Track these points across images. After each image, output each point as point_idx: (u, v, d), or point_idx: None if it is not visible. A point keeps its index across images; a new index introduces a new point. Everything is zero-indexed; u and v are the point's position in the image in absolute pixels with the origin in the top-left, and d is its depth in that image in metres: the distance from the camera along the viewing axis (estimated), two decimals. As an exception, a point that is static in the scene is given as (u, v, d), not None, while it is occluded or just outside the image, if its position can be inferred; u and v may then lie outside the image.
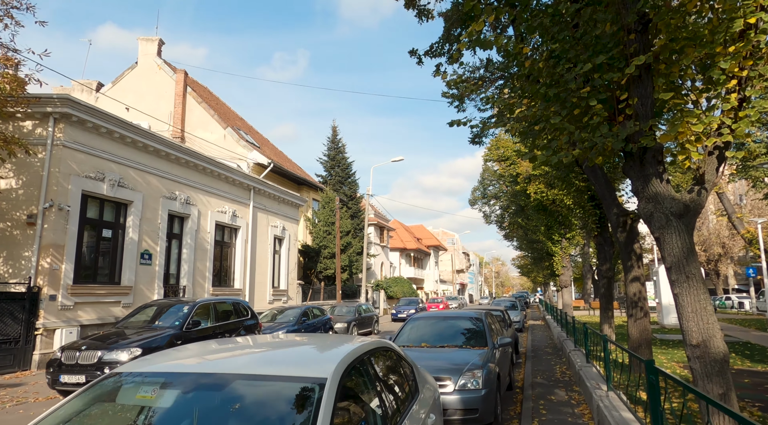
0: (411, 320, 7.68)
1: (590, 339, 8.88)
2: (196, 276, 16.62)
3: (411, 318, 7.73)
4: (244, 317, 11.19)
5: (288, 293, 22.99)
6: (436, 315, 7.93)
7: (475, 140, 13.91)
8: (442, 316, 7.74)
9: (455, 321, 7.50)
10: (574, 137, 5.08)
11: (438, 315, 7.90)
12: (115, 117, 13.16)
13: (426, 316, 7.78)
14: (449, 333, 7.20)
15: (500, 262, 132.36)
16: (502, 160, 24.38)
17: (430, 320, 7.66)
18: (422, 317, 7.77)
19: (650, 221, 4.80)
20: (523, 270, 58.29)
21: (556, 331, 16.75)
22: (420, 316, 7.79)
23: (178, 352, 3.01)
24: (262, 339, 3.83)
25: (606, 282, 11.58)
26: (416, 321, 7.66)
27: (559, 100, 4.87)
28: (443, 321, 7.55)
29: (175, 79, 24.64)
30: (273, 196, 21.79)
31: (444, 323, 7.51)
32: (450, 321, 7.50)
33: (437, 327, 7.44)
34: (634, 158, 4.91)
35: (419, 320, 7.68)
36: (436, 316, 7.79)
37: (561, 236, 22.90)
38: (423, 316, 7.79)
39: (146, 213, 14.43)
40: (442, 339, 6.98)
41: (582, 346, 10.51)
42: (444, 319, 7.60)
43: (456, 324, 7.41)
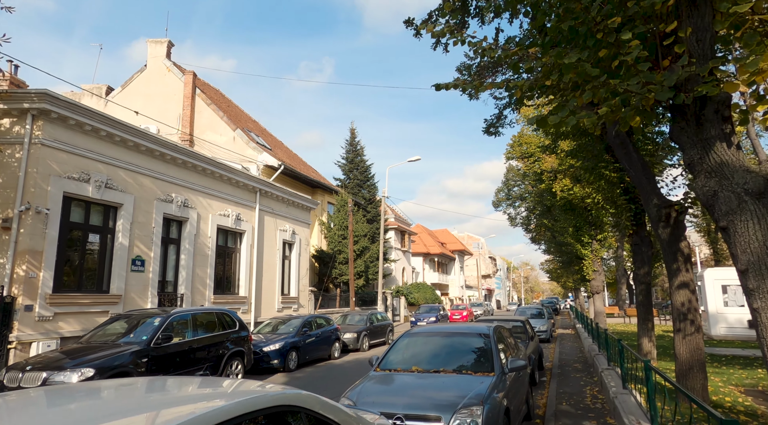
0: (404, 336, 6.36)
1: (627, 358, 7.35)
2: (196, 284, 15.67)
3: (405, 334, 6.41)
4: (230, 329, 10.06)
5: (299, 301, 21.91)
6: (435, 330, 6.57)
7: (490, 130, 12.50)
8: (441, 332, 6.39)
9: (457, 337, 6.13)
10: (599, 93, 3.66)
11: (437, 330, 6.55)
12: (100, 114, 12.33)
13: (422, 332, 6.44)
14: (448, 354, 5.85)
15: (529, 267, 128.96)
16: (525, 156, 22.79)
17: (426, 336, 6.32)
18: (418, 332, 6.43)
19: (713, 204, 3.37)
20: (552, 275, 55.86)
21: (587, 343, 15.06)
22: (415, 332, 6.46)
23: None
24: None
25: (644, 289, 9.98)
26: (410, 337, 6.33)
27: (578, 36, 3.50)
28: (442, 338, 6.19)
29: (184, 80, 24.04)
30: (281, 198, 20.79)
31: (443, 340, 6.15)
32: (451, 338, 6.14)
33: (434, 345, 6.10)
34: (686, 115, 3.49)
35: (413, 336, 6.35)
36: (435, 332, 6.44)
37: (591, 238, 21.10)
38: (419, 331, 6.46)
39: (138, 216, 13.55)
40: (439, 362, 5.63)
41: (616, 364, 8.94)
42: (444, 335, 6.25)
43: (457, 342, 6.04)
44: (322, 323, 14.85)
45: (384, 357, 5.92)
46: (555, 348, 17.11)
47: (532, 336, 11.03)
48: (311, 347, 13.50)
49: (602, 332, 10.84)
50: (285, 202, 21.15)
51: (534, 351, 10.62)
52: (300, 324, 13.48)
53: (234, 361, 9.90)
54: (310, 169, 31.23)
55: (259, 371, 12.13)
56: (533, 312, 21.72)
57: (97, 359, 7.14)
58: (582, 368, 11.88)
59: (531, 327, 11.56)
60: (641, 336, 9.91)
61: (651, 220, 6.82)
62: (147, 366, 7.69)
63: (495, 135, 12.61)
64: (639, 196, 9.91)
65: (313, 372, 12.46)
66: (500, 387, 5.01)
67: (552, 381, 10.21)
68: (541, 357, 11.82)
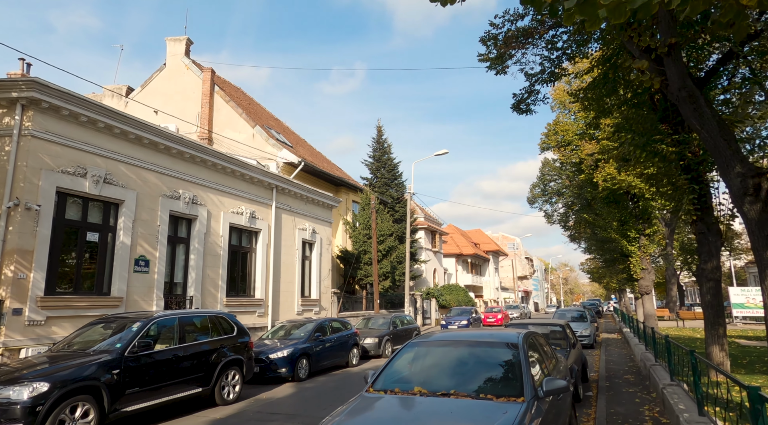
0: (409, 346, 5.01)
1: (701, 371, 5.76)
2: (206, 285, 14.77)
3: (409, 344, 5.05)
4: (226, 335, 8.96)
5: (321, 303, 20.82)
6: (449, 337, 5.18)
7: (520, 107, 11.00)
8: (457, 340, 5.01)
9: (477, 348, 4.75)
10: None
11: (451, 337, 5.16)
12: (97, 104, 11.56)
13: (432, 340, 5.07)
14: (464, 370, 4.49)
15: (568, 268, 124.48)
16: (561, 145, 20.98)
17: (437, 346, 4.96)
18: (426, 341, 5.07)
19: None
20: (593, 276, 52.96)
21: (638, 350, 13.24)
22: (423, 340, 5.10)
23: None
24: None
25: (712, 287, 8.26)
26: (417, 347, 4.98)
27: None
28: (458, 349, 4.82)
29: (202, 78, 23.47)
30: (300, 195, 19.78)
31: (458, 351, 4.77)
32: (469, 349, 4.76)
33: (447, 357, 4.74)
34: None
35: (421, 345, 4.99)
36: (449, 340, 5.06)
37: (638, 232, 19.07)
38: (428, 340, 5.09)
39: (141, 213, 12.73)
40: (451, 381, 4.27)
41: (681, 378, 7.31)
42: (460, 345, 4.87)
43: (477, 354, 4.66)
44: (339, 327, 13.64)
45: (381, 374, 4.61)
46: (600, 355, 15.30)
47: (574, 342, 9.45)
48: (325, 353, 12.31)
49: (661, 338, 9.15)
50: (304, 199, 20.13)
51: (576, 360, 9.06)
52: (312, 328, 12.30)
53: (230, 371, 8.79)
54: (334, 167, 30.23)
55: (265, 381, 11.02)
56: (574, 314, 19.82)
57: (56, 371, 6.13)
58: (635, 380, 10.18)
59: (572, 333, 9.97)
60: (711, 344, 8.20)
61: (732, 195, 5.25)
62: (118, 379, 6.64)
63: (526, 112, 11.10)
64: (704, 174, 8.23)
65: (326, 382, 11.24)
66: (532, 418, 3.61)
67: (599, 397, 8.61)
68: (585, 367, 10.21)
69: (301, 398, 9.47)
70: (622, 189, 17.80)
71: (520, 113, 11.08)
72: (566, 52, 10.39)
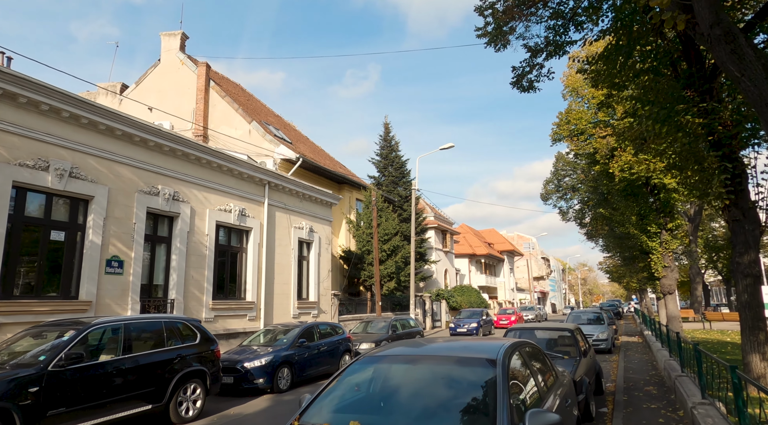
0: (360, 362, 3.86)
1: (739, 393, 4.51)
2: (190, 288, 13.81)
3: (361, 360, 3.90)
4: (187, 343, 7.91)
5: (319, 306, 19.76)
6: (411, 351, 3.99)
7: (522, 83, 9.76)
8: (420, 355, 3.83)
9: (443, 366, 3.56)
10: None
11: (414, 351, 3.97)
12: (60, 91, 10.66)
13: (390, 355, 3.89)
14: (421, 397, 3.33)
15: (587, 268, 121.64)
16: (574, 135, 19.57)
17: (395, 362, 3.79)
18: (383, 355, 3.88)
19: None
20: (612, 275, 50.98)
21: (661, 356, 11.86)
22: (380, 354, 3.92)
23: None
24: None
25: (750, 284, 6.95)
26: (369, 363, 3.83)
27: None
28: (418, 367, 3.65)
29: (197, 72, 22.66)
30: (296, 192, 18.75)
31: (419, 370, 3.61)
32: (432, 367, 3.58)
33: (404, 378, 3.59)
34: None
35: (375, 361, 3.83)
36: (410, 355, 3.88)
37: (660, 227, 17.58)
38: (385, 354, 3.91)
39: (114, 211, 11.82)
40: (400, 415, 3.11)
41: (712, 394, 6.03)
42: (423, 361, 3.69)
43: (442, 375, 3.49)
44: (328, 332, 12.53)
45: (316, 400, 3.47)
46: (618, 361, 13.91)
47: (585, 350, 8.18)
48: (311, 361, 11.22)
49: (689, 345, 7.83)
50: (300, 196, 19.10)
51: (589, 370, 7.80)
52: (297, 333, 11.21)
53: (190, 384, 7.74)
54: (337, 164, 29.23)
55: (241, 393, 9.96)
56: (590, 316, 18.38)
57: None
58: (658, 393, 8.85)
59: (584, 338, 8.69)
60: (750, 352, 6.88)
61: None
62: (37, 398, 5.62)
63: (529, 90, 9.86)
64: (737, 150, 6.91)
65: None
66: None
67: (615, 415, 7.34)
68: (599, 377, 8.92)
69: (276, 413, 8.39)
70: (641, 180, 16.38)
71: (522, 90, 9.85)
72: (574, 19, 9.13)
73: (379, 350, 4.02)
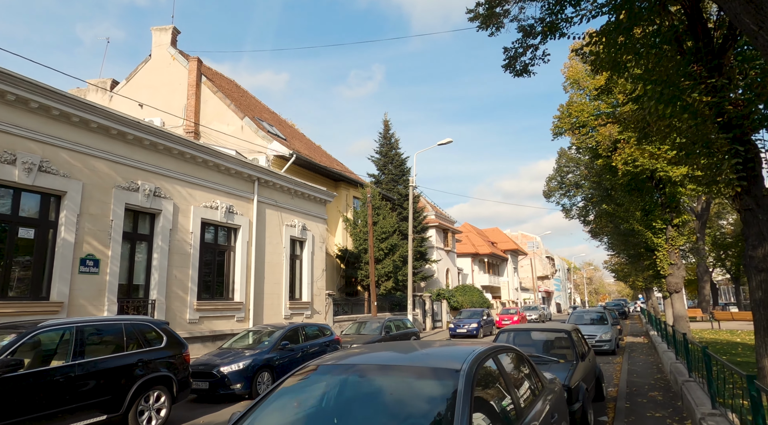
0: (297, 375, 3.22)
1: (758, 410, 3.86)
2: (173, 288, 13.25)
3: (298, 372, 3.25)
4: (150, 347, 7.32)
5: (313, 306, 19.16)
6: (360, 360, 3.28)
7: (515, 65, 9.12)
8: (368, 364, 3.17)
9: (394, 378, 2.92)
10: None
11: (363, 360, 3.27)
12: (28, 81, 10.11)
13: (333, 365, 3.23)
14: (366, 418, 2.69)
15: (592, 267, 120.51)
16: (576, 128, 18.86)
17: (339, 373, 3.15)
18: (327, 367, 3.23)
19: None
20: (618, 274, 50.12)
21: (666, 358, 11.16)
22: (323, 363, 3.28)
23: None
24: None
25: (765, 280, 6.28)
26: (308, 376, 3.19)
27: None
28: (365, 379, 3.00)
29: (188, 67, 22.14)
30: (288, 189, 18.17)
31: (365, 383, 2.97)
32: (382, 380, 2.95)
33: (346, 393, 2.95)
34: None
35: (316, 374, 3.20)
36: (357, 364, 3.21)
37: (665, 223, 16.85)
38: (329, 364, 3.25)
39: (89, 207, 11.27)
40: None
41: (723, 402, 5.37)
42: (371, 372, 3.04)
43: (392, 389, 2.86)
44: (316, 333, 11.93)
45: (242, 419, 2.85)
46: (622, 363, 13.21)
47: (584, 353, 7.51)
48: (294, 365, 10.59)
49: (696, 348, 7.15)
50: (292, 193, 18.51)
51: (587, 375, 7.15)
52: (279, 335, 10.60)
53: (153, 391, 7.15)
54: (334, 162, 28.63)
55: (217, 399, 9.36)
56: (593, 316, 17.67)
57: None
58: (663, 400, 8.17)
59: (582, 340, 8.03)
60: (764, 355, 6.19)
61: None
62: (-35, 408, 5.04)
63: (523, 73, 9.20)
64: (749, 132, 6.24)
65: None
66: None
67: (616, 422, 6.67)
68: (599, 382, 8.26)
69: None
70: (646, 173, 15.66)
71: (516, 74, 9.19)
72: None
73: (326, 358, 3.39)
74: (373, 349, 3.67)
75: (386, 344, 3.79)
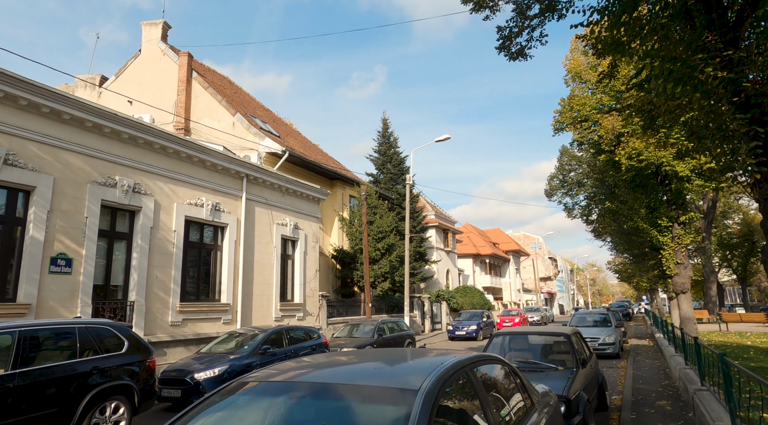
0: (221, 395, 2.58)
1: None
2: (154, 289, 12.61)
3: (222, 391, 2.61)
4: (108, 353, 6.67)
5: (305, 307, 18.51)
6: (303, 377, 2.61)
7: (509, 46, 8.47)
8: (311, 382, 2.53)
9: (337, 401, 2.29)
10: None
11: (307, 377, 2.61)
12: (-8, 69, 9.52)
13: (267, 384, 2.56)
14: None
15: (596, 268, 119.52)
16: (578, 122, 18.17)
17: (274, 394, 2.50)
18: (263, 386, 2.56)
19: None
20: (621, 275, 49.28)
21: (674, 363, 10.46)
22: (262, 384, 2.59)
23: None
24: None
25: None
26: (234, 396, 2.55)
27: None
28: (305, 400, 2.37)
29: (179, 63, 21.56)
30: (278, 187, 17.53)
31: (304, 406, 2.33)
32: (323, 402, 2.31)
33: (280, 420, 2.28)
34: None
35: (246, 392, 2.55)
36: (299, 381, 2.56)
37: (671, 220, 16.13)
38: (266, 383, 2.58)
39: (61, 203, 10.65)
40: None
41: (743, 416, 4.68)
42: (312, 392, 2.41)
43: (337, 414, 2.20)
44: (301, 337, 11.28)
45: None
46: (627, 368, 12.50)
47: (585, 359, 6.83)
48: (277, 371, 9.94)
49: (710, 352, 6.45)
50: (283, 191, 17.87)
51: (589, 384, 6.48)
52: (260, 339, 9.95)
53: (110, 402, 6.50)
54: (331, 160, 28.00)
55: (189, 408, 8.70)
56: (596, 318, 16.95)
57: None
58: (673, 410, 7.47)
59: (584, 345, 7.35)
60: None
61: None
62: None
63: (518, 56, 8.54)
64: (771, 112, 5.55)
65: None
66: None
67: (622, 438, 6.00)
68: (602, 390, 7.57)
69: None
70: (651, 168, 14.97)
71: (511, 58, 8.53)
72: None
73: (259, 375, 2.73)
74: (315, 365, 2.98)
75: (338, 356, 3.12)
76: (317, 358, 3.25)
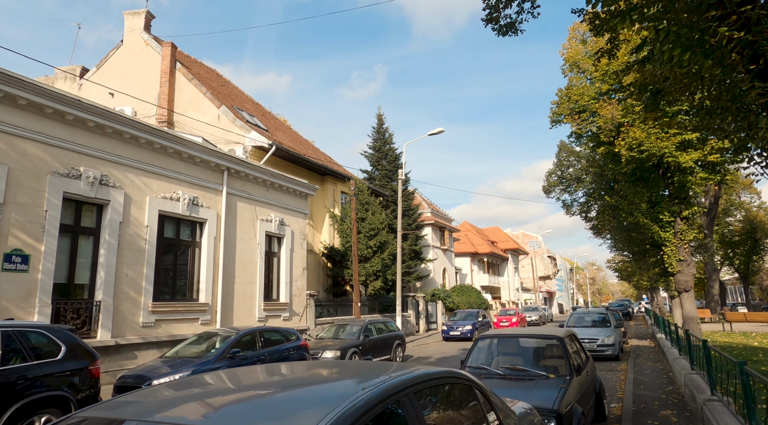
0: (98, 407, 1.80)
1: None
2: (123, 288, 11.83)
3: (104, 404, 1.83)
4: (40, 360, 5.89)
5: (291, 307, 17.72)
6: (132, 417, 1.82)
7: (497, 18, 7.68)
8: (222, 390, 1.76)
9: None
10: None
11: (141, 417, 1.80)
12: (-64, 48, 8.72)
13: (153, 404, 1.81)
14: None
15: (596, 267, 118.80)
16: (576, 113, 17.38)
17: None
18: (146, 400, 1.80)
19: None
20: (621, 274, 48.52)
21: (678, 366, 9.68)
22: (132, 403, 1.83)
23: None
24: None
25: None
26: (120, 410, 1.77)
27: None
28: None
29: (162, 53, 20.77)
30: (263, 181, 16.75)
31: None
32: None
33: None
34: None
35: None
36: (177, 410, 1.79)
37: (673, 215, 15.35)
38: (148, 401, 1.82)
39: (16, 195, 9.87)
40: None
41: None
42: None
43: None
44: (277, 339, 10.50)
45: None
46: (627, 371, 11.72)
47: (580, 364, 6.05)
48: (248, 376, 9.16)
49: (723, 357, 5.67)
50: (268, 185, 17.08)
51: (584, 394, 5.72)
52: (230, 341, 9.17)
53: (40, 416, 5.73)
54: (321, 155, 27.21)
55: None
56: (594, 318, 16.16)
57: None
58: (679, 421, 6.69)
59: (579, 348, 6.58)
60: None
61: None
62: None
63: (508, 32, 7.74)
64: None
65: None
66: None
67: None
68: (600, 399, 6.80)
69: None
70: (652, 160, 14.18)
71: (500, 33, 7.73)
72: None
73: (92, 409, 1.90)
74: (182, 397, 2.10)
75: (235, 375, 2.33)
76: (200, 379, 2.45)
